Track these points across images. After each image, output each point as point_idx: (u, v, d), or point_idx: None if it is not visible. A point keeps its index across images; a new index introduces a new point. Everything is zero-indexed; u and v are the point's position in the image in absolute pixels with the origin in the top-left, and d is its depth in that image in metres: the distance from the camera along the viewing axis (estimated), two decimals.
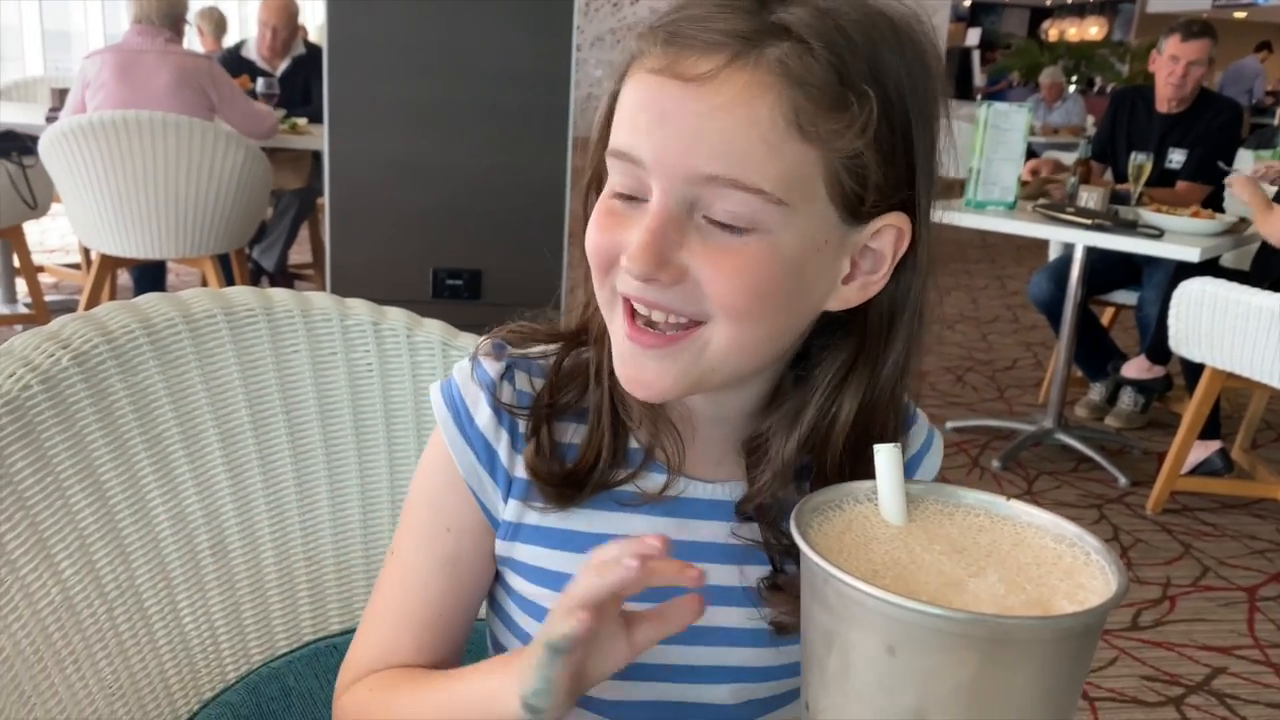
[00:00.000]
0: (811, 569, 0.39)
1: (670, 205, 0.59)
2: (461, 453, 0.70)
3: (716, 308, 0.60)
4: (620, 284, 0.62)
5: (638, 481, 0.70)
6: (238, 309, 0.95)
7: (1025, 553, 0.42)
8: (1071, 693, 0.38)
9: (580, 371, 0.71)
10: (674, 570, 0.52)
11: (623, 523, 0.69)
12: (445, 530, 0.72)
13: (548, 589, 0.70)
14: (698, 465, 0.71)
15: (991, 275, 6.34)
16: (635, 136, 0.59)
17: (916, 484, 0.46)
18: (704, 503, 0.70)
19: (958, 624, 0.35)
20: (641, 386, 0.63)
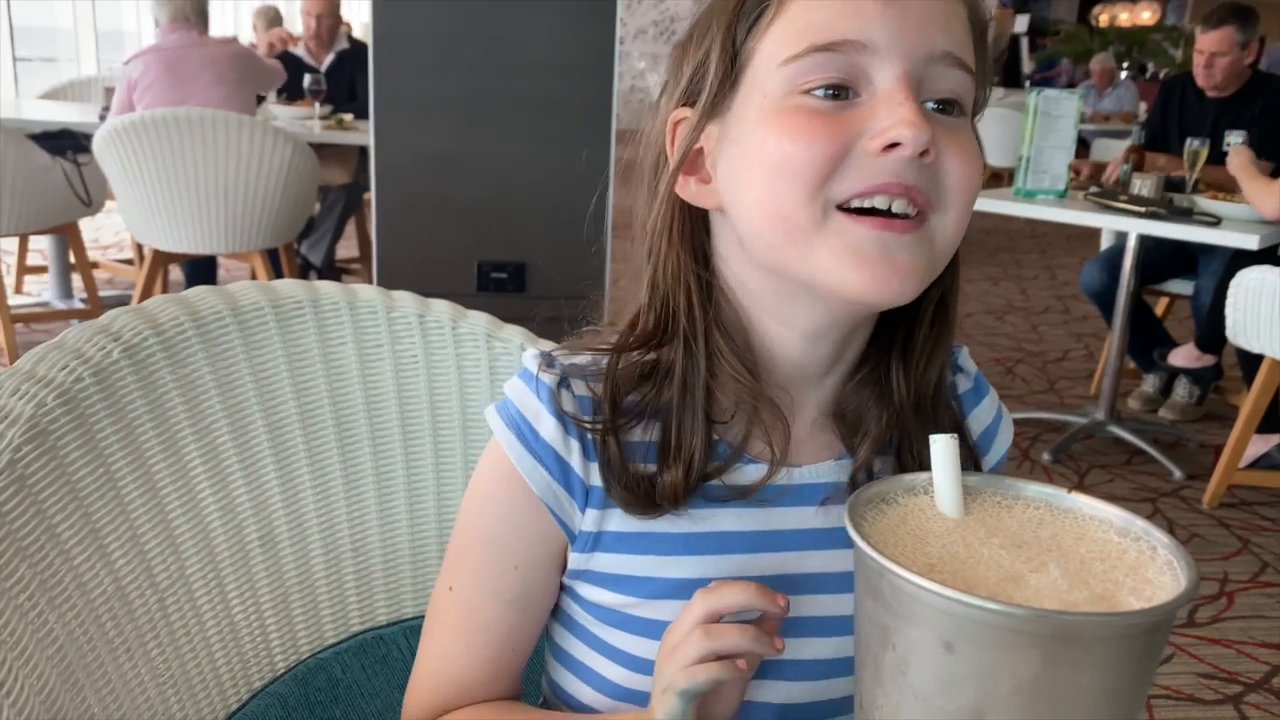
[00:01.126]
0: (866, 563, 0.38)
1: (912, 83, 0.58)
2: (532, 469, 0.67)
3: (952, 192, 0.60)
4: (853, 182, 0.58)
5: (726, 477, 0.67)
6: (285, 301, 0.95)
7: (1088, 547, 0.40)
8: (1137, 694, 0.37)
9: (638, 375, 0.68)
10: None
11: (709, 519, 0.67)
12: (513, 569, 0.69)
13: (628, 595, 0.68)
14: (790, 449, 0.68)
15: (1041, 265, 6.24)
16: (863, 20, 0.57)
17: (974, 476, 0.44)
18: (793, 489, 0.68)
19: (1018, 620, 0.34)
20: (897, 280, 0.58)
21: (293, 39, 4.95)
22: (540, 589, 0.71)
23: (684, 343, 0.66)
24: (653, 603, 0.67)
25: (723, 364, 0.66)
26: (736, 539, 0.67)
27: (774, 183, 0.59)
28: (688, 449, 0.65)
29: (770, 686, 0.68)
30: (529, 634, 0.73)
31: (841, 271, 0.59)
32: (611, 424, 0.66)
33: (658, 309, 0.67)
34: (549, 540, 0.69)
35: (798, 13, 0.59)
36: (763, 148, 0.60)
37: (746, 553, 0.67)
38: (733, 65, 0.62)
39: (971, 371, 0.76)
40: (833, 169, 0.58)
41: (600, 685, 0.70)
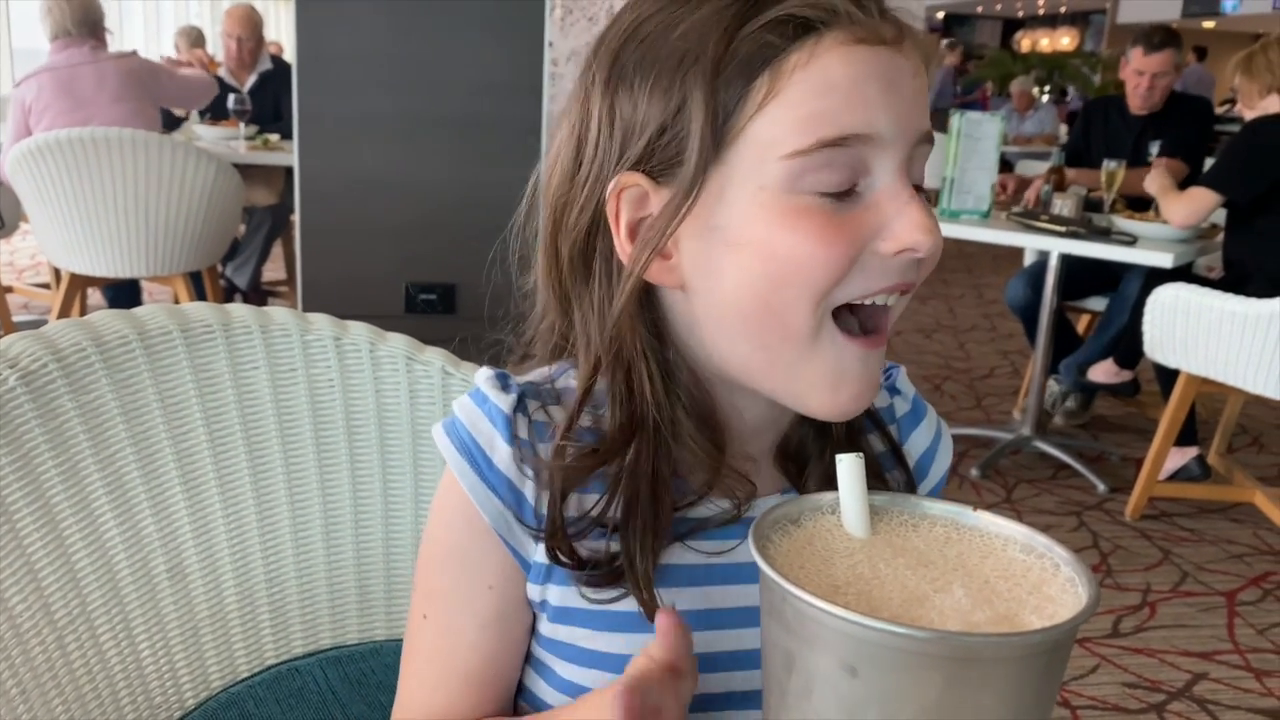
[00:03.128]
0: (770, 587, 0.38)
1: (907, 174, 0.57)
2: (484, 499, 0.64)
3: (924, 272, 0.60)
4: (862, 285, 0.56)
5: (689, 511, 0.65)
6: (194, 325, 0.92)
7: (992, 565, 0.40)
8: (1042, 710, 0.36)
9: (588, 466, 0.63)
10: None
11: (667, 553, 0.64)
12: (487, 589, 0.66)
13: (581, 628, 0.65)
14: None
15: (969, 284, 6.36)
16: (869, 112, 0.54)
17: (880, 495, 0.44)
18: (747, 522, 0.67)
19: (920, 643, 0.34)
20: (867, 398, 0.59)
21: (213, 62, 4.87)
22: (517, 606, 0.67)
23: (651, 432, 0.62)
24: (606, 635, 0.65)
25: (690, 447, 0.63)
26: (696, 572, 0.66)
27: (778, 288, 0.56)
28: (643, 560, 0.61)
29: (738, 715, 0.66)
30: (512, 655, 0.69)
31: (820, 392, 0.58)
32: (561, 532, 0.62)
33: (619, 395, 0.63)
34: (512, 563, 0.66)
35: (800, 99, 0.54)
36: (767, 249, 0.56)
37: (704, 585, 0.65)
38: (717, 141, 0.56)
39: (909, 394, 0.75)
40: (844, 274, 0.56)
41: (559, 684, 0.68)
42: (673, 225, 0.58)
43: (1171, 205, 3.03)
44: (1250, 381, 2.63)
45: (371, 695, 0.91)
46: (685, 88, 0.56)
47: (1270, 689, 2.18)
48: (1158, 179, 3.13)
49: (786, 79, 0.54)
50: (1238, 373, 2.66)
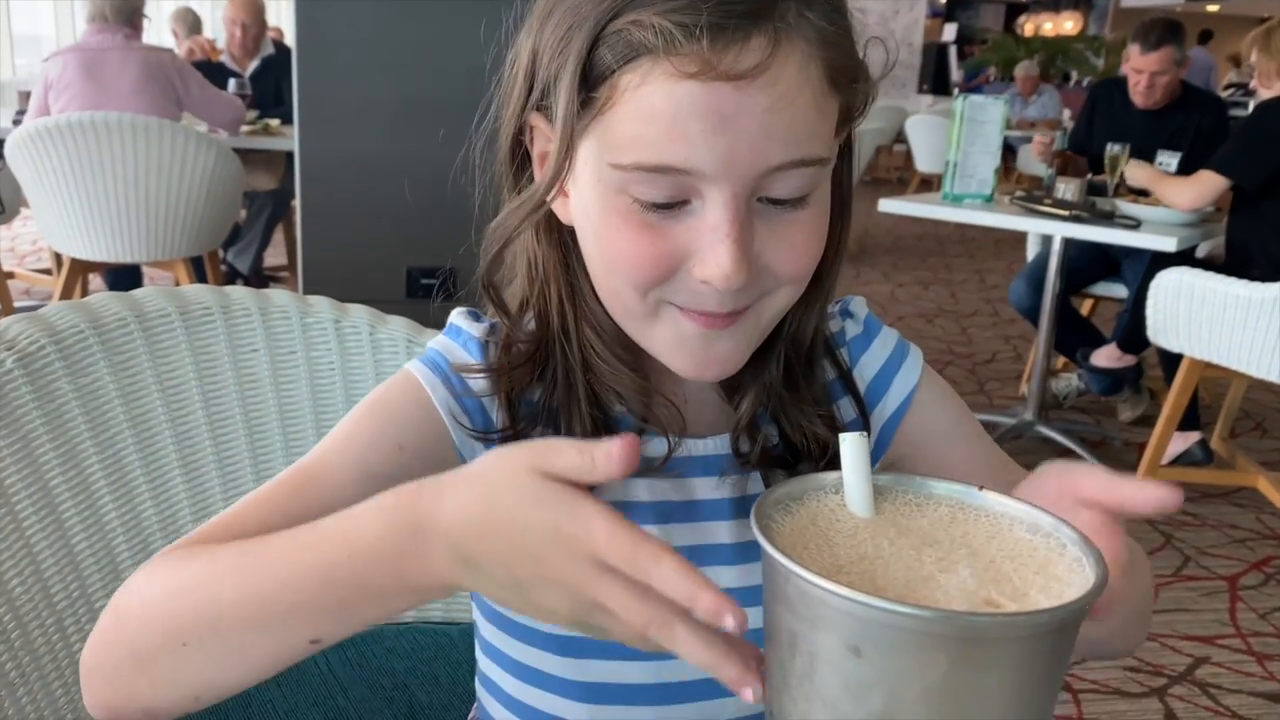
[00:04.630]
0: (773, 566, 0.37)
1: (739, 208, 0.55)
2: (445, 398, 0.65)
3: (782, 279, 0.60)
4: (680, 298, 0.59)
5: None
6: (193, 307, 0.92)
7: (999, 545, 0.40)
8: (1048, 692, 0.36)
9: (533, 373, 0.67)
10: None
11: (623, 489, 0.66)
12: (396, 448, 0.62)
13: None
14: (688, 424, 0.68)
15: (971, 270, 6.34)
16: (689, 148, 0.53)
17: (885, 475, 0.43)
18: (697, 460, 0.68)
19: (926, 622, 0.33)
20: (714, 365, 0.61)
21: (214, 50, 4.84)
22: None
23: (559, 342, 0.66)
24: None
25: (597, 362, 0.65)
26: (649, 509, 0.67)
27: (608, 271, 0.60)
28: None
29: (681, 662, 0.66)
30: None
31: (670, 357, 0.62)
32: (513, 431, 0.65)
33: (537, 306, 0.67)
34: (449, 458, 0.64)
35: (627, 118, 0.55)
36: (597, 234, 0.59)
37: (659, 522, 0.66)
38: (580, 115, 0.57)
39: (861, 315, 0.75)
40: (660, 281, 0.58)
41: (518, 670, 0.68)
42: (552, 175, 0.59)
43: (1175, 191, 3.01)
44: (1254, 366, 2.62)
45: (373, 678, 0.91)
46: (565, 55, 0.57)
47: (1272, 673, 2.18)
48: (1142, 169, 3.12)
49: (620, 95, 0.55)
50: (1241, 357, 2.65)
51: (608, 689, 0.66)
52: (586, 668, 0.66)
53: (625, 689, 0.66)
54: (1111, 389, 3.67)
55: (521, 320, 0.67)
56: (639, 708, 0.67)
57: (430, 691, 0.93)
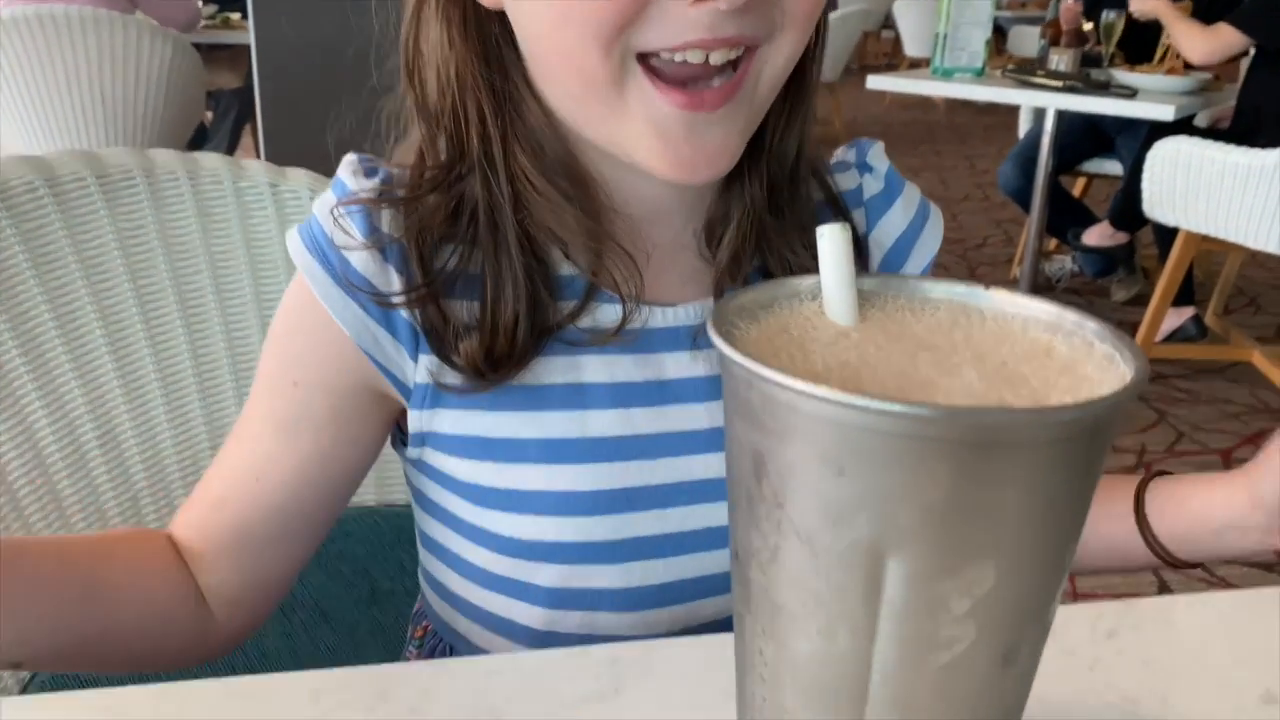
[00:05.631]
0: (733, 374, 0.30)
1: None
2: (343, 307, 0.54)
3: (789, 15, 0.49)
4: (655, 36, 0.47)
5: (585, 318, 0.56)
6: (111, 171, 0.83)
7: (1012, 348, 0.32)
8: (1077, 512, 0.29)
9: (447, 219, 0.55)
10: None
11: (572, 368, 0.56)
12: (291, 385, 0.56)
13: (482, 459, 0.57)
14: (657, 288, 0.57)
15: (960, 155, 6.21)
16: None
17: (871, 277, 0.36)
18: (666, 332, 0.58)
19: (924, 424, 0.26)
20: (705, 164, 0.50)
21: None
22: (325, 424, 0.56)
23: (480, 170, 0.54)
24: (514, 469, 0.56)
25: (532, 194, 0.54)
26: (606, 391, 0.57)
27: (562, 27, 0.48)
28: (506, 317, 0.54)
29: (691, 561, 0.59)
30: (290, 481, 0.57)
31: (645, 150, 0.50)
32: (426, 289, 0.54)
33: (449, 127, 0.55)
34: (349, 371, 0.56)
35: None
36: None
37: (618, 407, 0.57)
38: None
39: (881, 170, 0.66)
40: (630, 19, 0.47)
41: (470, 573, 0.61)
42: None
43: (1192, 37, 2.86)
44: (1252, 237, 2.55)
45: (330, 564, 0.85)
46: None
47: None
48: (1158, 4, 2.96)
49: None
50: (1239, 228, 2.57)
51: (572, 594, 0.58)
52: (549, 571, 0.58)
53: (592, 593, 0.58)
54: (1104, 270, 3.59)
55: (435, 144, 0.56)
56: (606, 613, 0.59)
57: (393, 577, 0.88)
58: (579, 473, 0.56)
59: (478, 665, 0.47)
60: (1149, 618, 0.52)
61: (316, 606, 0.84)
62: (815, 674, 0.30)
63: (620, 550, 0.58)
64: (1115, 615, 0.52)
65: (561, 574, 0.58)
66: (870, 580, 0.28)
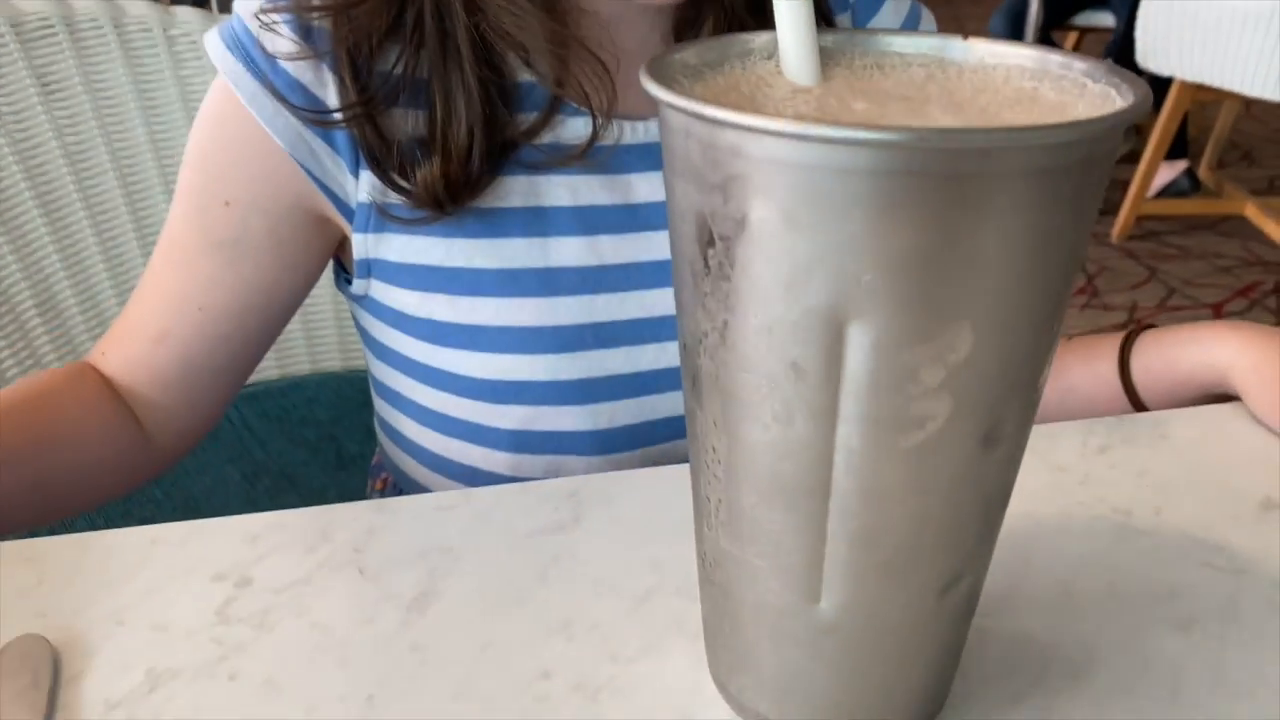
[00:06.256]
0: (670, 125, 0.26)
1: None
2: (272, 113, 0.48)
3: None
4: None
5: (546, 134, 0.51)
6: (27, 20, 0.77)
7: (993, 97, 0.28)
8: (1064, 266, 0.25)
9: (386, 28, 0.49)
10: None
11: (532, 189, 0.51)
12: (223, 205, 0.52)
13: (432, 292, 0.52)
14: (624, 100, 0.52)
15: (949, 17, 6.03)
16: None
17: (834, 33, 0.31)
18: (636, 149, 0.53)
19: (888, 156, 0.22)
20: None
21: None
22: (265, 246, 0.53)
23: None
24: (469, 301, 0.52)
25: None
26: (570, 216, 0.52)
27: None
28: (458, 133, 0.48)
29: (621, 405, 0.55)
30: (234, 306, 0.54)
31: None
32: (361, 106, 0.48)
33: None
34: (285, 188, 0.51)
35: None
36: None
37: (584, 234, 0.52)
38: None
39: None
40: None
41: (426, 418, 0.57)
42: None
43: None
44: (1249, 84, 2.47)
45: (293, 430, 0.82)
46: None
47: None
48: None
49: None
50: (1236, 75, 2.49)
51: (538, 437, 0.55)
52: (511, 414, 0.54)
53: (557, 436, 0.55)
54: None
55: None
56: (574, 457, 0.55)
57: (361, 441, 0.85)
58: (541, 306, 0.52)
59: (426, 501, 0.44)
60: (1143, 432, 0.49)
61: (283, 473, 0.81)
62: (773, 467, 0.27)
63: (588, 390, 0.54)
64: (1107, 430, 0.49)
65: (525, 416, 0.54)
66: (829, 353, 0.25)
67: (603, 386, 0.54)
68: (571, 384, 0.54)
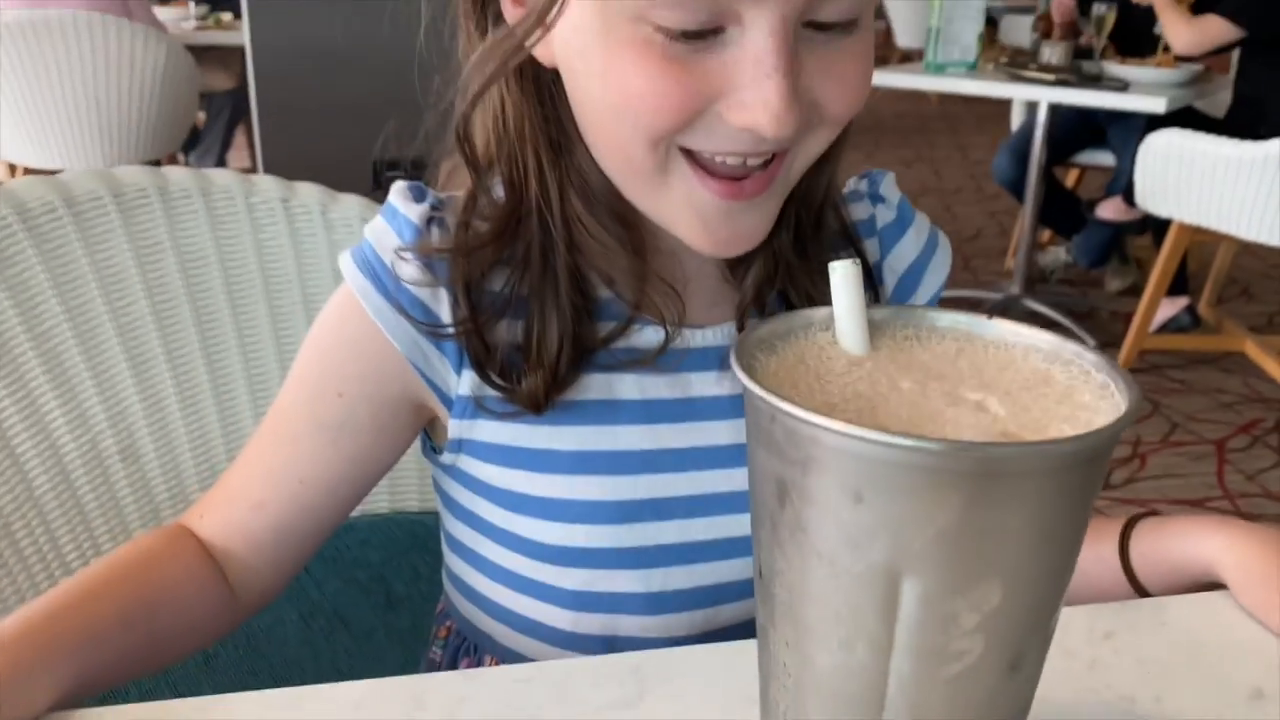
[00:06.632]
0: (756, 406, 0.32)
1: (788, 34, 0.47)
2: (394, 324, 0.57)
3: (827, 113, 0.51)
4: (701, 140, 0.50)
5: (621, 341, 0.59)
6: (127, 189, 0.85)
7: (1014, 376, 0.35)
8: (1076, 532, 0.32)
9: (495, 255, 0.58)
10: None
11: (607, 385, 0.59)
12: (336, 395, 0.60)
13: (517, 469, 0.60)
14: (686, 312, 0.60)
15: (954, 146, 6.23)
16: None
17: (881, 308, 0.38)
18: (696, 352, 0.61)
19: (935, 457, 0.28)
20: (737, 242, 0.54)
21: None
22: (366, 430, 0.60)
23: (537, 215, 0.57)
24: (547, 478, 0.60)
25: (585, 237, 0.57)
26: (637, 408, 0.60)
27: (614, 116, 0.50)
28: (550, 346, 0.57)
29: (712, 569, 0.62)
30: (330, 481, 0.61)
31: (684, 227, 0.54)
32: (472, 323, 0.56)
33: (506, 174, 0.57)
34: (394, 383, 0.59)
35: None
36: (604, 73, 0.49)
37: (647, 423, 0.60)
38: None
39: (894, 200, 0.68)
40: (683, 125, 0.49)
41: (498, 575, 0.64)
42: (539, 10, 0.50)
43: (1178, 26, 2.88)
44: (1244, 228, 2.58)
45: (346, 571, 0.87)
46: None
47: None
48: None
49: None
50: (1232, 219, 2.60)
51: (596, 597, 0.61)
52: (575, 575, 0.61)
53: (614, 597, 0.61)
54: (1099, 261, 3.62)
55: (489, 187, 0.58)
56: (628, 616, 0.62)
57: (408, 583, 0.90)
58: (606, 483, 0.59)
59: (508, 674, 0.49)
60: (1144, 618, 0.54)
61: (336, 613, 0.86)
62: (836, 684, 0.33)
63: (644, 557, 0.61)
64: (1112, 616, 0.54)
65: (587, 578, 0.61)
66: (887, 599, 0.31)
67: (657, 554, 0.61)
68: (629, 551, 0.60)
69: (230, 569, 0.61)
